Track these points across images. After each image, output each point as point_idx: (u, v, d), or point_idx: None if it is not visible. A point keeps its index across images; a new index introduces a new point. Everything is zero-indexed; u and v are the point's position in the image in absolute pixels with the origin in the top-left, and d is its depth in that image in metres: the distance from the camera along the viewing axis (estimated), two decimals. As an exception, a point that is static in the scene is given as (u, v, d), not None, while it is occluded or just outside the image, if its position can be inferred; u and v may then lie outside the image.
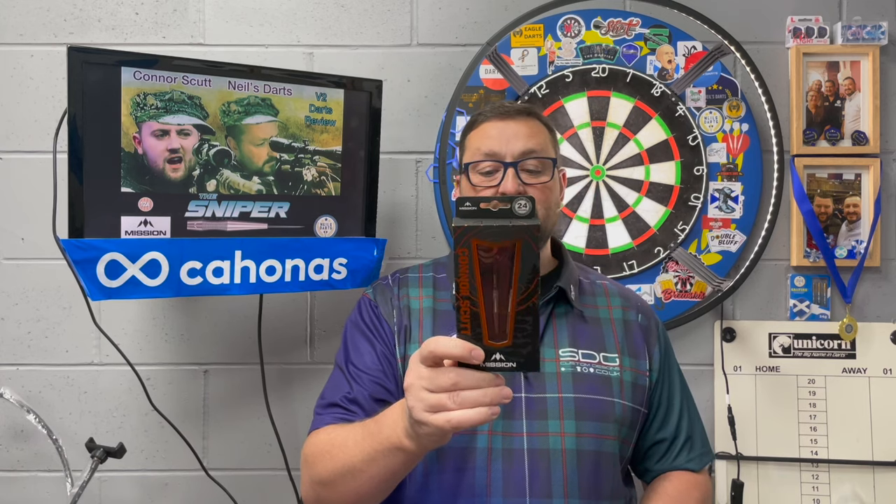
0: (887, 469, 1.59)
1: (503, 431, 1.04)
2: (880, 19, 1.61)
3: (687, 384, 1.23)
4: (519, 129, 1.13)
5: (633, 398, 1.11)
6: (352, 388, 1.10)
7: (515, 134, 1.12)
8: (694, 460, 1.16)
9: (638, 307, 1.21)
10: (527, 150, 1.11)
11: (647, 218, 1.61)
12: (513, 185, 1.09)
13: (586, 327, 1.14)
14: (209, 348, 1.62)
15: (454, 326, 1.10)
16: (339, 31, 1.64)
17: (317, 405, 1.14)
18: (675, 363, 1.22)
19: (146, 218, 1.27)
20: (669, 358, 1.20)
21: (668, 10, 1.61)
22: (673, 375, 1.19)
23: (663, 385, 1.17)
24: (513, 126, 1.13)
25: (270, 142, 1.35)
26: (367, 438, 0.92)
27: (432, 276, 1.20)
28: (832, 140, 1.62)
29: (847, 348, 1.62)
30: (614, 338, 1.14)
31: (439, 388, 0.74)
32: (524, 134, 1.12)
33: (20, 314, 1.60)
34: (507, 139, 1.12)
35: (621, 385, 1.10)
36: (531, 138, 1.12)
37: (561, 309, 1.14)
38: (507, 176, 1.10)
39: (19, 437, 1.60)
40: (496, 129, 1.13)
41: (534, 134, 1.13)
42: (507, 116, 1.14)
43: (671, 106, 1.61)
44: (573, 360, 1.09)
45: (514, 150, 1.11)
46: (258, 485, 1.61)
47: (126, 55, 1.24)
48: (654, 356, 1.16)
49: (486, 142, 1.13)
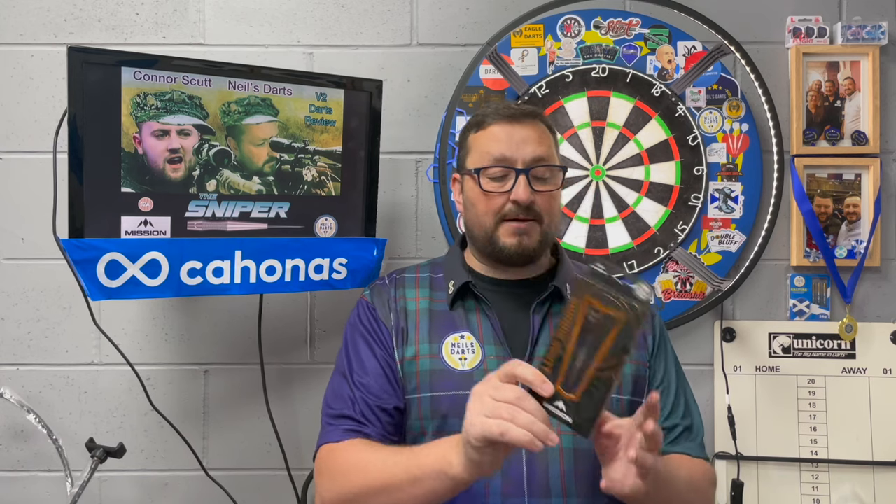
0: (887, 469, 1.59)
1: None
2: (880, 19, 1.61)
3: (686, 380, 1.20)
4: (528, 134, 1.11)
5: (633, 391, 1.10)
6: (356, 398, 1.10)
7: (525, 139, 1.10)
8: (694, 449, 1.13)
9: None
10: (537, 156, 1.10)
11: (647, 218, 1.61)
12: (525, 193, 1.08)
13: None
14: (209, 348, 1.62)
15: (450, 327, 1.11)
16: (339, 31, 1.64)
17: (324, 414, 1.14)
18: (672, 356, 1.19)
19: (146, 218, 1.27)
20: (664, 347, 1.18)
21: (668, 10, 1.61)
22: (669, 366, 1.17)
23: (656, 372, 1.14)
24: (521, 130, 1.11)
25: (270, 142, 1.35)
26: (412, 460, 0.96)
27: (429, 277, 1.20)
28: (832, 140, 1.62)
29: (847, 348, 1.62)
30: None
31: (502, 398, 0.83)
32: (534, 139, 1.11)
33: (20, 314, 1.60)
34: (516, 144, 1.10)
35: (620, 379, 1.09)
36: (541, 144, 1.11)
37: (557, 308, 1.14)
38: (518, 183, 1.08)
39: (19, 437, 1.60)
40: (505, 133, 1.11)
41: (542, 139, 1.12)
42: (515, 119, 1.12)
43: (671, 106, 1.61)
44: None
45: (525, 155, 1.10)
46: (258, 485, 1.61)
47: (126, 55, 1.24)
48: (648, 343, 1.15)
49: (495, 145, 1.11)
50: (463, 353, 1.09)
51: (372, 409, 1.09)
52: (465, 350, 1.09)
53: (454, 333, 1.11)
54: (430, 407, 1.07)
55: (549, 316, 1.13)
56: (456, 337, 1.11)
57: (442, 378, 1.08)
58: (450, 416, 1.05)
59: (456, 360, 1.09)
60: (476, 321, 1.12)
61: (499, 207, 1.10)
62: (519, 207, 1.08)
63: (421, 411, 1.08)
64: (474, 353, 1.09)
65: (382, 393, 1.10)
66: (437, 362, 1.09)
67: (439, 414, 1.06)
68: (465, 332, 1.11)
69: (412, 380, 1.09)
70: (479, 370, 1.07)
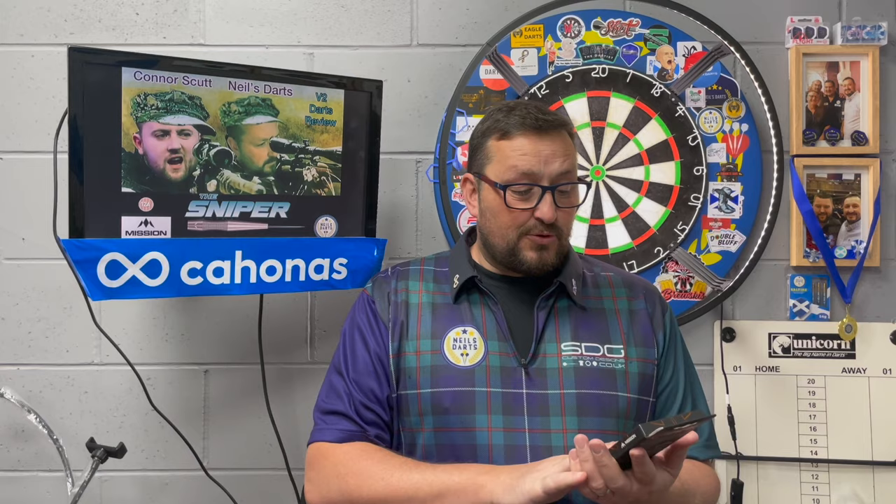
0: (887, 469, 1.59)
1: (504, 427, 1.05)
2: (880, 19, 1.61)
3: (697, 375, 1.20)
4: (556, 149, 1.08)
5: (639, 389, 1.10)
6: (350, 393, 1.11)
7: (553, 153, 1.07)
8: (699, 448, 1.13)
9: (645, 294, 1.19)
10: (563, 171, 1.08)
11: (646, 218, 1.62)
12: (550, 211, 1.06)
13: (589, 320, 1.13)
14: (209, 348, 1.62)
15: (453, 321, 1.12)
16: (339, 31, 1.64)
17: (317, 409, 1.15)
18: (682, 351, 1.19)
19: (146, 218, 1.27)
20: (674, 343, 1.17)
21: (667, 10, 1.61)
22: (678, 361, 1.17)
23: (666, 369, 1.14)
24: (549, 144, 1.08)
25: (271, 142, 1.36)
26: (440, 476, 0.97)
27: (433, 270, 1.20)
28: (832, 140, 1.62)
29: (847, 348, 1.62)
30: (619, 329, 1.13)
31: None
32: (560, 153, 1.08)
33: (21, 314, 1.60)
34: (544, 159, 1.07)
35: (626, 377, 1.09)
36: (567, 158, 1.09)
37: (563, 303, 1.13)
38: (544, 201, 1.07)
39: (20, 437, 1.60)
40: (532, 146, 1.08)
41: (568, 152, 1.10)
42: (543, 131, 1.08)
43: (671, 106, 1.61)
44: (575, 355, 1.09)
45: (552, 171, 1.07)
46: (258, 485, 1.61)
47: (126, 55, 1.24)
48: (658, 341, 1.15)
49: (522, 160, 1.07)
50: (465, 348, 1.09)
51: (364, 406, 1.10)
52: (468, 346, 1.09)
53: (457, 328, 1.11)
54: (430, 402, 1.07)
55: (556, 311, 1.13)
56: (458, 332, 1.11)
57: (443, 374, 1.08)
58: (451, 412, 1.05)
59: (458, 356, 1.09)
60: (480, 315, 1.12)
61: (522, 222, 1.09)
62: (543, 224, 1.08)
63: (421, 407, 1.08)
64: (476, 349, 1.09)
65: (374, 389, 1.10)
66: (438, 358, 1.09)
67: (440, 409, 1.06)
68: (468, 326, 1.11)
69: (412, 375, 1.09)
70: (481, 367, 1.07)
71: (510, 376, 1.07)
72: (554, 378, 1.07)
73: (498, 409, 1.05)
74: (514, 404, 1.05)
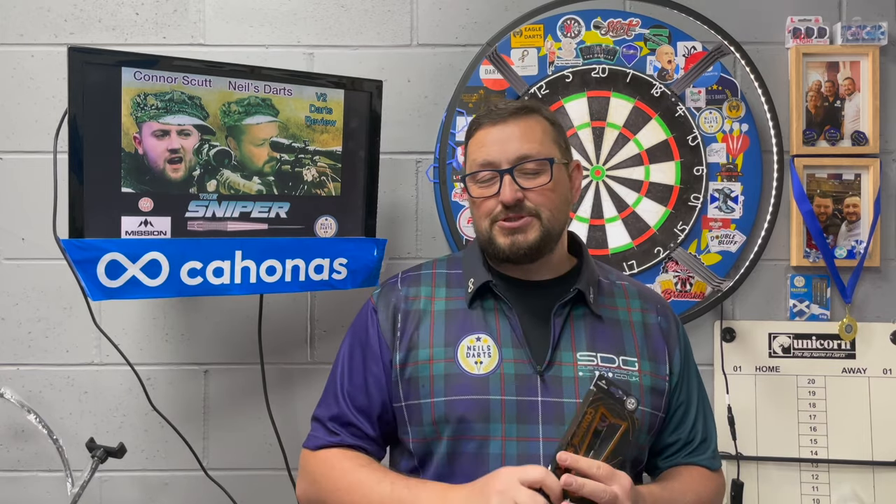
0: (887, 469, 1.59)
1: (518, 437, 1.03)
2: (880, 19, 1.61)
3: (704, 386, 1.21)
4: (512, 133, 1.09)
5: (651, 403, 1.09)
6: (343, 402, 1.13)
7: (509, 137, 1.09)
8: (707, 459, 1.15)
9: (658, 308, 1.18)
10: (521, 154, 1.08)
11: (646, 218, 1.61)
12: (510, 193, 1.06)
13: (605, 330, 1.11)
14: (209, 348, 1.62)
15: (466, 327, 1.12)
16: (339, 31, 1.64)
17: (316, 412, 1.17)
18: (693, 366, 1.19)
19: (146, 218, 1.27)
20: (689, 360, 1.18)
21: (667, 10, 1.61)
22: (692, 379, 1.17)
23: (682, 388, 1.15)
24: (506, 130, 1.09)
25: (271, 142, 1.36)
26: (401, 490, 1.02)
27: (446, 273, 1.18)
28: (832, 140, 1.62)
29: (847, 348, 1.62)
30: (634, 341, 1.12)
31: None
32: (517, 136, 1.09)
33: (21, 314, 1.60)
34: (501, 145, 1.08)
35: (640, 390, 1.08)
36: (525, 140, 1.08)
37: (579, 311, 1.12)
38: (504, 184, 1.07)
39: (20, 437, 1.60)
40: (490, 136, 1.10)
41: (528, 134, 1.09)
42: (501, 120, 1.10)
43: (671, 106, 1.61)
44: (591, 365, 1.07)
45: (510, 154, 1.08)
46: (258, 485, 1.61)
47: (126, 55, 1.24)
48: (674, 359, 1.14)
49: (481, 151, 1.10)
50: (479, 356, 1.07)
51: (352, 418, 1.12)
52: (481, 353, 1.08)
53: (471, 335, 1.09)
54: (444, 411, 1.05)
55: (572, 319, 1.11)
56: (472, 339, 1.09)
57: (457, 382, 1.06)
58: (466, 419, 1.04)
59: (471, 364, 1.07)
60: (494, 322, 1.10)
61: (490, 210, 1.09)
62: (508, 208, 1.07)
63: (434, 415, 1.06)
64: (490, 357, 1.07)
65: (363, 404, 1.12)
66: (451, 366, 1.07)
67: (455, 418, 1.04)
68: (482, 333, 1.09)
69: (425, 384, 1.07)
70: (495, 374, 1.06)
71: (525, 384, 1.05)
72: (570, 387, 1.05)
73: (512, 417, 1.04)
74: (529, 412, 1.04)
